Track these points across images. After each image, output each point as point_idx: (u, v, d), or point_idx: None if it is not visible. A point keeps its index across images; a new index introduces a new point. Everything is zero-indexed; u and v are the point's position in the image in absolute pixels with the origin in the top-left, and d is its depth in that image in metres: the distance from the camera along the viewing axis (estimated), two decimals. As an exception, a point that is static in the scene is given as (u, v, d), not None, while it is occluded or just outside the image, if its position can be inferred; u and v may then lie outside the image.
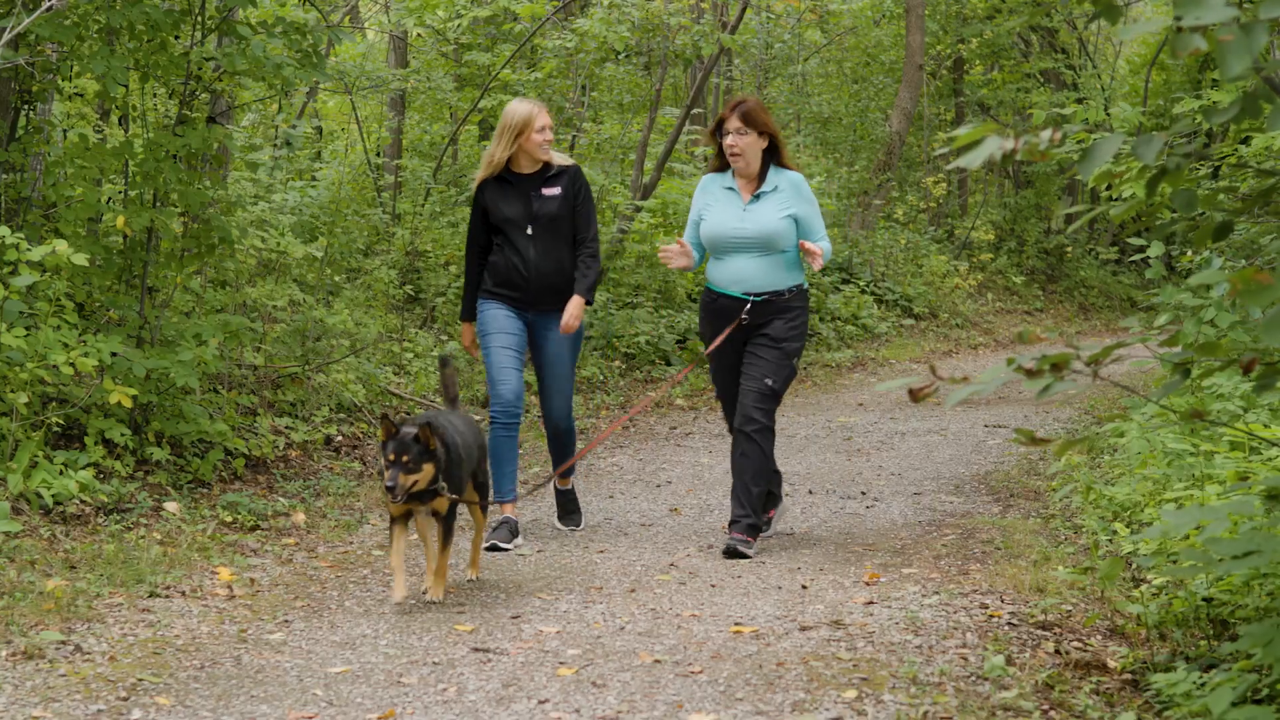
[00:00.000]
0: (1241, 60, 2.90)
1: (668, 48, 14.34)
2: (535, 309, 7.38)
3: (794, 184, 7.10)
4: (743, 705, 4.72)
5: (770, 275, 7.06)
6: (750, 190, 7.13)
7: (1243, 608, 5.12)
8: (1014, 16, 21.21)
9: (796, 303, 7.10)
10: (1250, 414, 7.72)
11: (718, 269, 7.16)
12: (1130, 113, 13.61)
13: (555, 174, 7.38)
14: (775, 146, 7.15)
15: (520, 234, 7.31)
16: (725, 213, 7.11)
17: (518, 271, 7.32)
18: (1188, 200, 3.98)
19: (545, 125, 7.28)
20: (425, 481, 5.83)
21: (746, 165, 7.10)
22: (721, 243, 7.09)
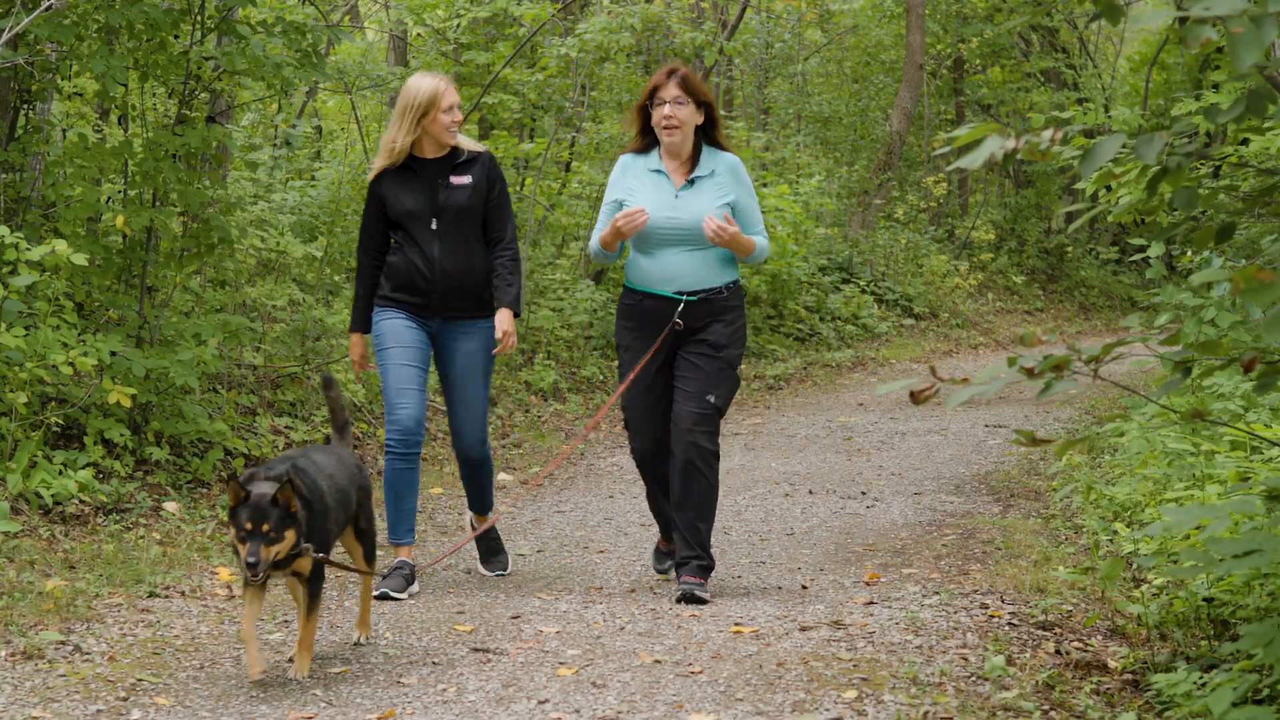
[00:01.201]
0: (1253, 52, 2.90)
1: (667, 46, 14.33)
2: (440, 315, 6.38)
3: (732, 168, 6.20)
4: (743, 705, 4.71)
5: (705, 271, 6.15)
6: (683, 174, 6.18)
7: (1243, 608, 5.11)
8: (1014, 16, 21.21)
9: (734, 301, 6.21)
10: (1251, 413, 7.72)
11: (643, 265, 6.19)
12: (1130, 115, 13.61)
13: (465, 161, 6.40)
14: (710, 122, 6.21)
15: (423, 229, 6.35)
16: (654, 200, 6.13)
17: (419, 272, 6.34)
18: (1188, 199, 3.97)
19: (453, 104, 6.33)
20: (287, 550, 4.84)
21: (682, 142, 6.14)
22: (650, 234, 6.11)
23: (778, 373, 14.46)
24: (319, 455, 5.22)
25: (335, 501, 5.07)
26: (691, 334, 6.15)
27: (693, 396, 6.08)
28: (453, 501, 8.41)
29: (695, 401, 6.07)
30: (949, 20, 22.58)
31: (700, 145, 6.19)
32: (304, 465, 4.97)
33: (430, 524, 7.85)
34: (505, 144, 13.51)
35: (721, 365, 6.13)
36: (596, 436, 10.99)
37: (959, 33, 22.55)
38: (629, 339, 6.24)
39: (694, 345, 6.14)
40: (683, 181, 6.17)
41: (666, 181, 6.17)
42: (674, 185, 6.16)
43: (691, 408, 6.07)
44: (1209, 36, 3.02)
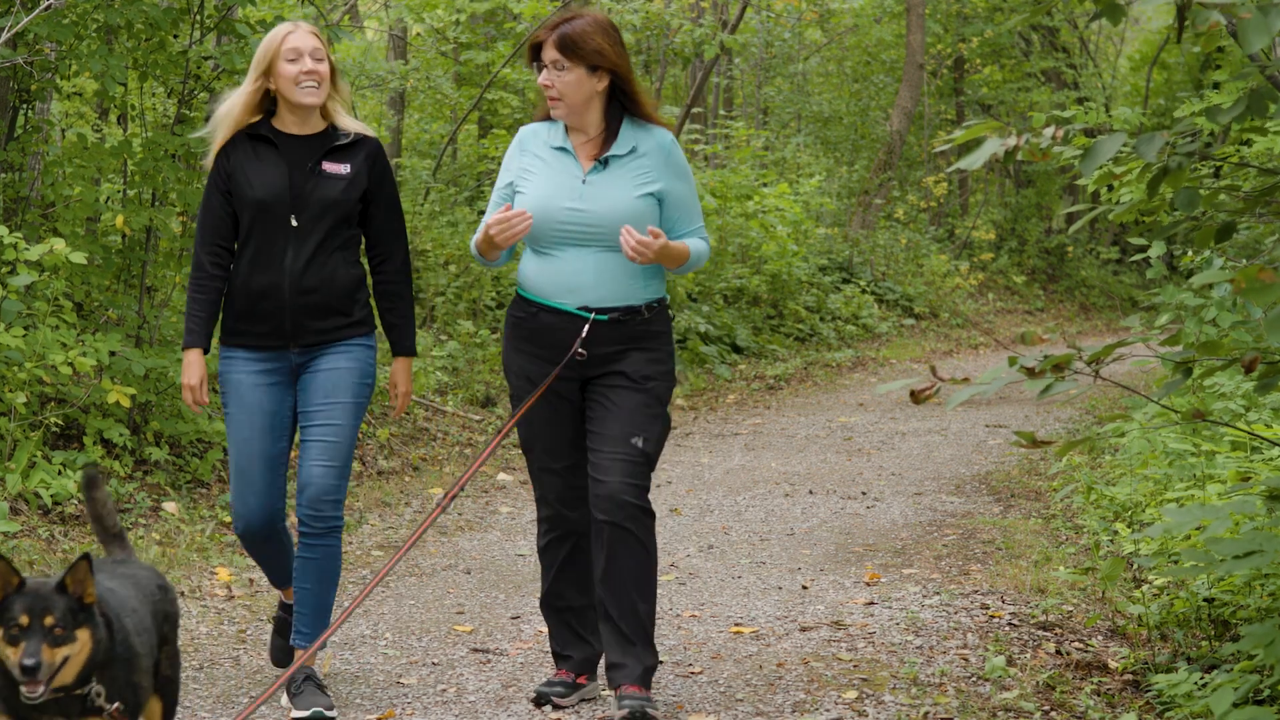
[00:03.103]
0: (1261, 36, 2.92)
1: (667, 46, 14.32)
2: (297, 343, 4.76)
3: (661, 147, 4.67)
4: (743, 706, 4.71)
5: (620, 283, 4.62)
6: (594, 153, 4.65)
7: (1244, 608, 5.11)
8: (1014, 15, 21.20)
9: (658, 326, 4.69)
10: (1252, 413, 7.71)
11: (539, 270, 4.67)
12: (1131, 114, 13.60)
13: (345, 145, 4.80)
14: (625, 91, 4.67)
15: (278, 227, 4.73)
16: (554, 184, 4.63)
17: (267, 294, 4.73)
18: (1189, 199, 3.96)
19: (301, 50, 4.69)
20: (80, 664, 3.39)
21: (569, 114, 4.63)
22: (549, 229, 4.60)
23: (778, 373, 14.45)
24: (112, 581, 3.66)
25: (145, 646, 3.62)
26: (602, 363, 4.63)
27: (612, 440, 4.57)
28: (454, 501, 8.37)
29: (616, 446, 4.56)
30: (949, 20, 22.57)
31: (619, 116, 4.68)
32: (100, 594, 3.48)
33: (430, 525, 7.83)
34: (505, 143, 13.52)
35: (647, 400, 4.61)
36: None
37: (959, 32, 22.55)
38: (520, 363, 4.69)
39: (610, 377, 4.63)
40: (591, 163, 4.63)
41: (572, 162, 4.64)
42: (581, 167, 4.63)
43: (612, 456, 4.56)
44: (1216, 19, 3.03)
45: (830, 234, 18.95)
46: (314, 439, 4.73)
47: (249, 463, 4.75)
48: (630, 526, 4.55)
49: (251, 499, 4.75)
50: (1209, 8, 3.01)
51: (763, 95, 22.57)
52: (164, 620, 3.81)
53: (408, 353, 4.91)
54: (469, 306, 12.85)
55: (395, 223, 4.88)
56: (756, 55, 21.85)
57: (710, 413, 12.33)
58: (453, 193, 14.70)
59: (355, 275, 4.83)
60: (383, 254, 4.88)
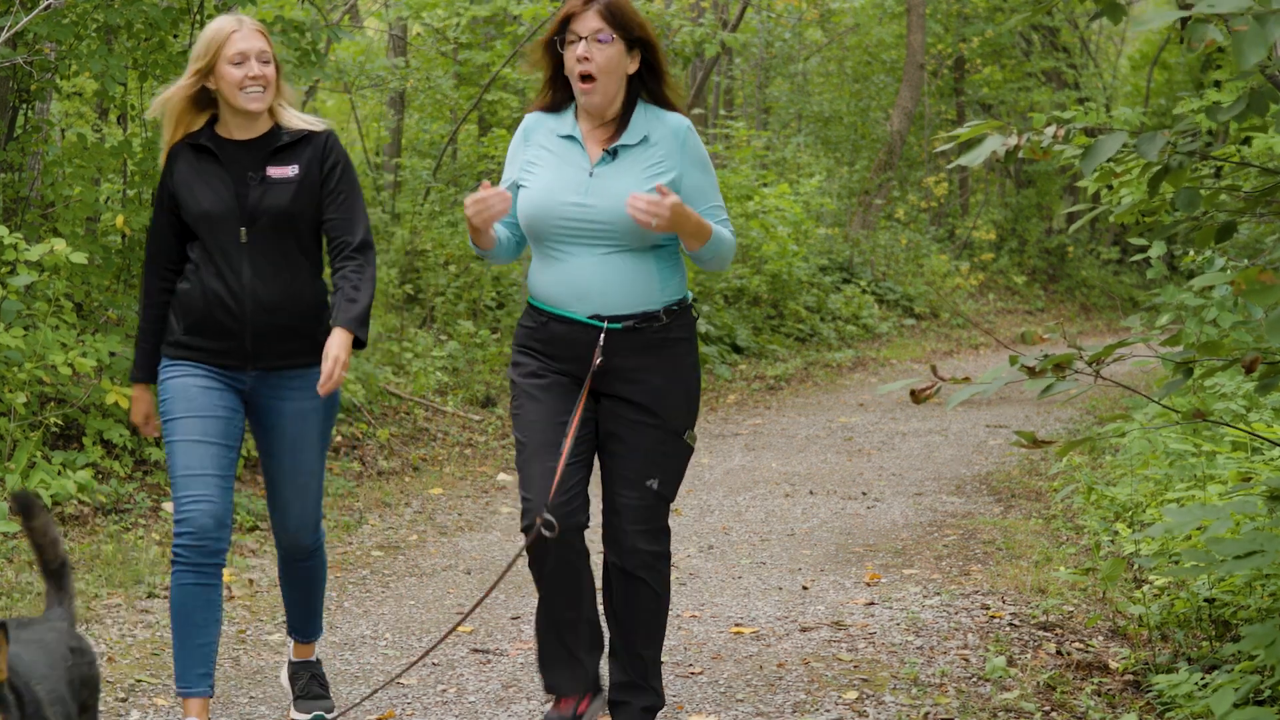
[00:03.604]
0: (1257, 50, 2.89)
1: (668, 45, 14.31)
2: (256, 365, 4.41)
3: (676, 133, 4.22)
4: (743, 706, 4.71)
5: (634, 285, 4.19)
6: (604, 141, 4.21)
7: (1245, 608, 5.10)
8: (1015, 15, 21.20)
9: (679, 332, 4.27)
10: (1253, 414, 7.71)
11: (545, 274, 4.25)
12: (1132, 114, 13.60)
13: (290, 143, 4.41)
14: (650, 70, 4.24)
15: (229, 241, 4.37)
16: (558, 177, 4.19)
17: (222, 304, 4.37)
18: (1190, 199, 3.96)
19: (247, 53, 4.33)
20: None
21: (603, 98, 4.17)
22: (552, 228, 4.18)
23: (778, 373, 14.45)
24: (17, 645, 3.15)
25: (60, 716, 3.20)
26: (616, 381, 4.22)
27: (627, 482, 4.25)
28: (454, 502, 8.39)
29: (631, 490, 4.25)
30: (950, 20, 22.57)
31: (634, 101, 4.24)
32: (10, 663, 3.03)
33: (430, 525, 7.84)
34: (505, 143, 13.52)
35: (663, 436, 4.26)
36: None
37: (960, 32, 22.55)
38: (527, 376, 4.27)
39: (623, 406, 4.24)
40: (600, 153, 4.19)
41: (579, 153, 4.20)
42: (589, 158, 4.19)
43: (627, 498, 4.26)
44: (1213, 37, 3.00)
45: (831, 234, 18.95)
46: (288, 479, 4.48)
47: (201, 463, 4.32)
48: (643, 575, 4.32)
49: (194, 506, 4.28)
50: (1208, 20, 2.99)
51: (763, 95, 22.57)
52: (82, 685, 3.37)
53: (347, 326, 4.29)
54: (469, 306, 12.85)
55: (352, 206, 4.45)
56: (757, 55, 21.85)
57: (710, 413, 12.32)
58: (453, 193, 14.71)
59: (320, 294, 4.46)
60: (341, 238, 4.42)
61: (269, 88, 4.35)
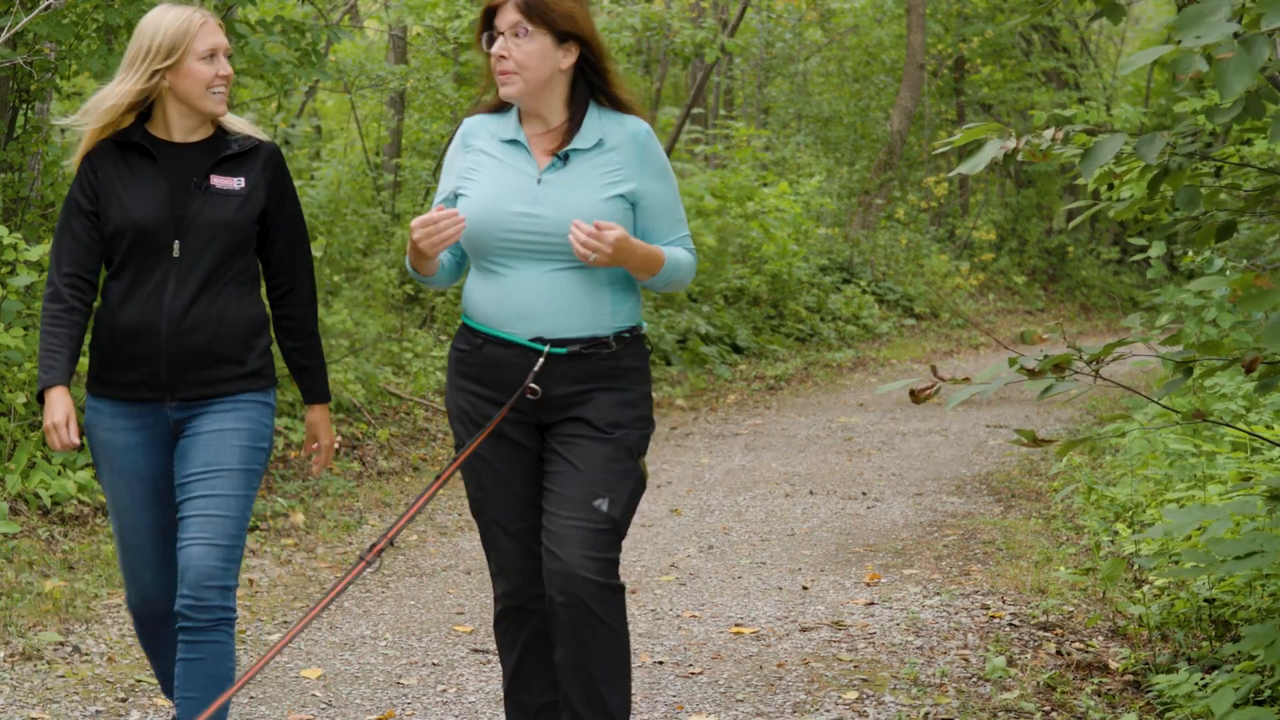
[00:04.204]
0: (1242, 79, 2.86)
1: (668, 46, 14.33)
2: (174, 396, 3.88)
3: (635, 139, 3.76)
4: (743, 706, 4.71)
5: (584, 307, 3.72)
6: (552, 147, 3.75)
7: (1245, 609, 5.11)
8: (1015, 15, 21.20)
9: (631, 360, 3.78)
10: (1252, 414, 7.71)
11: (484, 291, 3.78)
12: (1132, 113, 13.61)
13: (238, 154, 3.94)
14: (594, 67, 3.77)
15: (157, 256, 3.86)
16: (502, 184, 3.73)
17: (139, 328, 3.85)
18: (1190, 198, 3.96)
19: (217, 48, 3.91)
20: None
21: (533, 99, 3.72)
22: (496, 241, 3.71)
23: (778, 373, 14.46)
24: None
25: None
26: (562, 407, 3.74)
27: (571, 503, 3.69)
28: (454, 502, 8.39)
29: (576, 511, 3.68)
30: (950, 20, 22.58)
31: (584, 101, 3.78)
32: None
33: (430, 525, 7.84)
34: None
35: (614, 453, 3.72)
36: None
37: (960, 32, 22.56)
38: (462, 405, 3.82)
39: (569, 425, 3.75)
40: (548, 159, 3.73)
41: (525, 158, 3.74)
42: (536, 165, 3.73)
43: (572, 522, 3.67)
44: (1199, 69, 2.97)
45: (831, 234, 18.96)
46: (194, 513, 3.82)
47: (135, 535, 3.96)
48: (594, 608, 3.64)
49: (145, 573, 3.97)
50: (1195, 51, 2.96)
51: (763, 95, 22.58)
52: None
53: (323, 399, 4.07)
54: (469, 307, 12.85)
55: (300, 246, 4.02)
56: (757, 55, 21.86)
57: (710, 413, 12.32)
58: (453, 193, 14.69)
59: (251, 316, 3.94)
60: (286, 284, 4.01)
61: (228, 88, 3.94)
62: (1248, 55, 2.88)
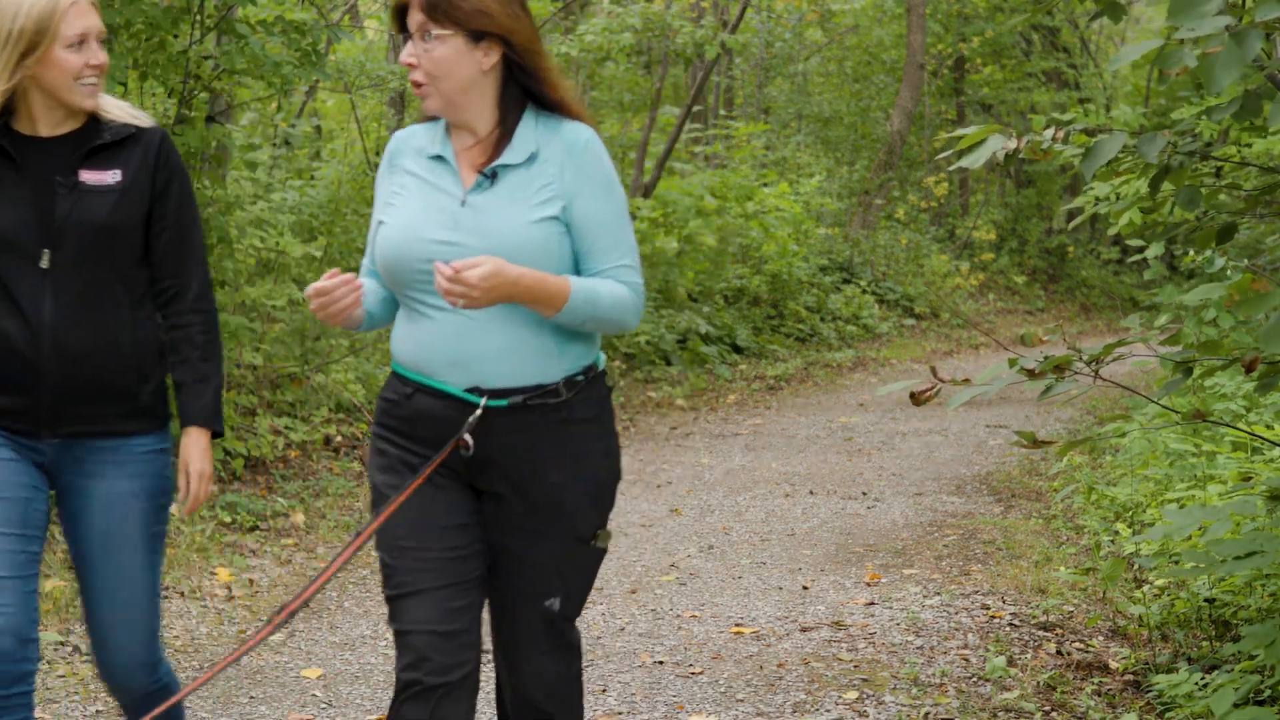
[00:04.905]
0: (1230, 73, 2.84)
1: (668, 46, 14.33)
2: (55, 432, 3.35)
3: (571, 147, 3.16)
4: (743, 706, 4.71)
5: (525, 350, 3.12)
6: (480, 162, 3.17)
7: (1245, 608, 5.11)
8: (1015, 15, 21.21)
9: (585, 409, 3.18)
10: (1252, 414, 7.71)
11: (410, 334, 3.19)
12: (1132, 115, 13.61)
13: (112, 143, 3.36)
14: (525, 68, 3.16)
15: (24, 268, 3.32)
16: (425, 209, 3.16)
17: (14, 352, 3.30)
18: (1190, 198, 3.96)
19: (88, 33, 3.32)
20: None
21: (453, 109, 3.17)
22: (416, 275, 3.13)
23: (778, 373, 14.46)
24: None
25: None
26: (500, 473, 3.14)
27: (520, 602, 3.21)
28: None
29: (527, 610, 3.21)
30: (950, 20, 22.59)
31: (519, 108, 3.19)
32: None
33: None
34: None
35: (564, 546, 3.18)
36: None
37: (960, 32, 22.57)
38: (383, 463, 3.22)
39: (509, 509, 3.16)
40: (475, 177, 3.15)
41: (450, 176, 3.17)
42: (461, 184, 3.15)
43: (526, 622, 3.22)
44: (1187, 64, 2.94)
45: (831, 234, 18.97)
46: (99, 595, 3.36)
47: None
48: (550, 709, 3.27)
49: None
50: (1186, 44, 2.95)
51: (763, 95, 22.59)
52: None
53: (205, 424, 3.44)
54: (469, 306, 12.86)
55: (189, 242, 3.44)
56: (757, 55, 21.86)
57: (711, 413, 12.33)
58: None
59: (147, 339, 3.39)
60: (172, 286, 3.42)
61: (103, 77, 3.36)
62: (1238, 49, 2.85)
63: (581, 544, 3.19)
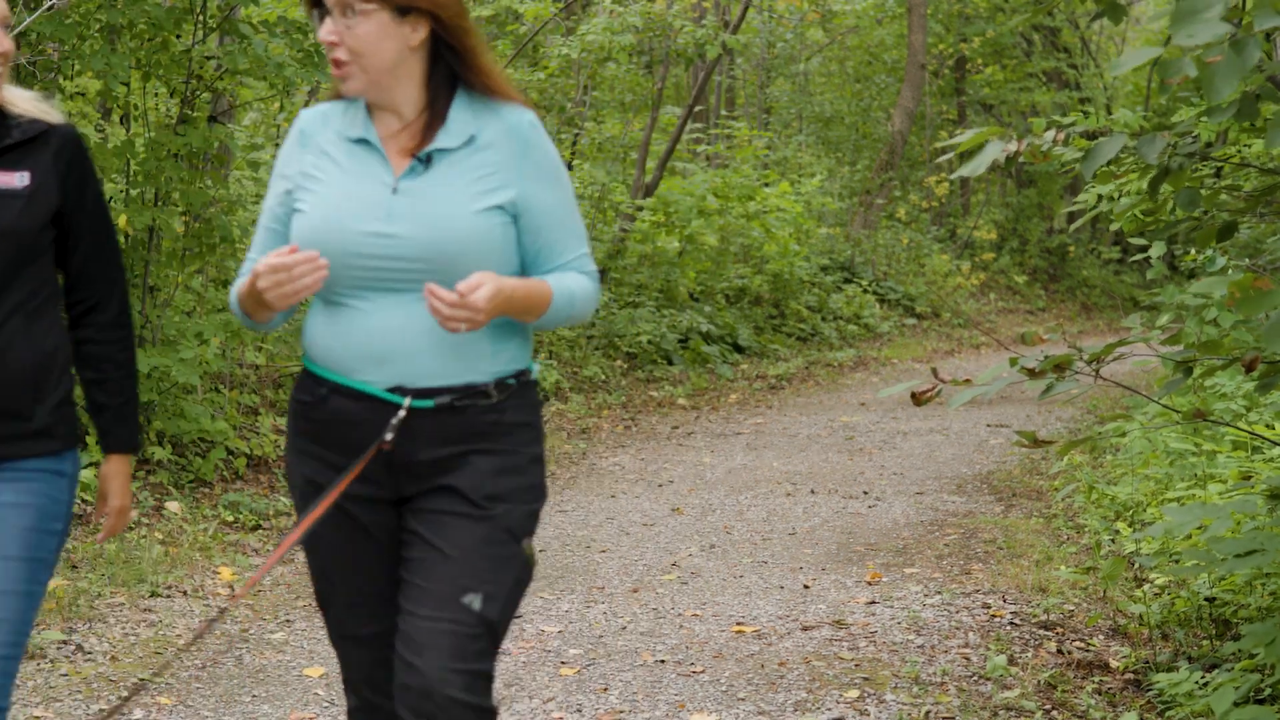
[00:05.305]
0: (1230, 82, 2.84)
1: (670, 46, 14.34)
2: None
3: (514, 132, 2.94)
4: (744, 705, 4.72)
5: (455, 348, 2.88)
6: (411, 146, 2.91)
7: (1245, 607, 5.12)
8: (1016, 15, 21.22)
9: (516, 414, 2.95)
10: (1253, 413, 7.72)
11: (330, 329, 2.93)
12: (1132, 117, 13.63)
13: (20, 142, 3.08)
14: (455, 47, 2.92)
15: None
16: (348, 196, 2.90)
17: None
18: (1190, 200, 3.98)
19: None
20: None
21: (366, 84, 2.90)
22: (337, 269, 2.86)
23: (779, 372, 14.47)
24: None
25: None
26: (426, 473, 2.89)
27: (435, 599, 2.83)
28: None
29: (440, 610, 2.82)
30: (951, 20, 22.60)
31: (450, 87, 2.93)
32: None
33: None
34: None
35: (491, 533, 2.87)
36: (599, 436, 10.99)
37: (961, 32, 22.58)
38: (305, 472, 2.96)
39: (435, 497, 2.90)
40: (408, 161, 2.89)
41: (377, 161, 2.90)
42: (391, 169, 2.89)
43: (434, 624, 2.82)
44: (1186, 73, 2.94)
45: (832, 234, 18.98)
46: None
47: None
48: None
49: None
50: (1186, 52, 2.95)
51: (765, 95, 22.60)
52: None
53: (123, 449, 3.18)
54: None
55: (105, 253, 3.13)
56: (758, 55, 21.87)
57: (712, 412, 12.34)
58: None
59: (43, 351, 3.02)
60: (88, 300, 3.13)
61: (8, 64, 3.09)
62: (1238, 58, 2.85)
63: (512, 540, 2.88)
